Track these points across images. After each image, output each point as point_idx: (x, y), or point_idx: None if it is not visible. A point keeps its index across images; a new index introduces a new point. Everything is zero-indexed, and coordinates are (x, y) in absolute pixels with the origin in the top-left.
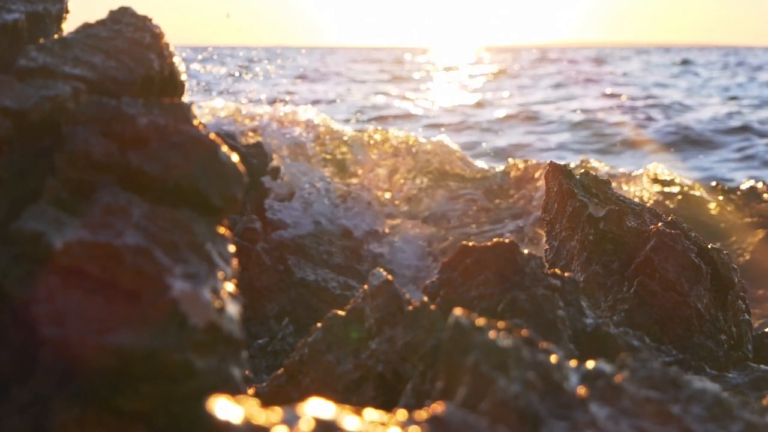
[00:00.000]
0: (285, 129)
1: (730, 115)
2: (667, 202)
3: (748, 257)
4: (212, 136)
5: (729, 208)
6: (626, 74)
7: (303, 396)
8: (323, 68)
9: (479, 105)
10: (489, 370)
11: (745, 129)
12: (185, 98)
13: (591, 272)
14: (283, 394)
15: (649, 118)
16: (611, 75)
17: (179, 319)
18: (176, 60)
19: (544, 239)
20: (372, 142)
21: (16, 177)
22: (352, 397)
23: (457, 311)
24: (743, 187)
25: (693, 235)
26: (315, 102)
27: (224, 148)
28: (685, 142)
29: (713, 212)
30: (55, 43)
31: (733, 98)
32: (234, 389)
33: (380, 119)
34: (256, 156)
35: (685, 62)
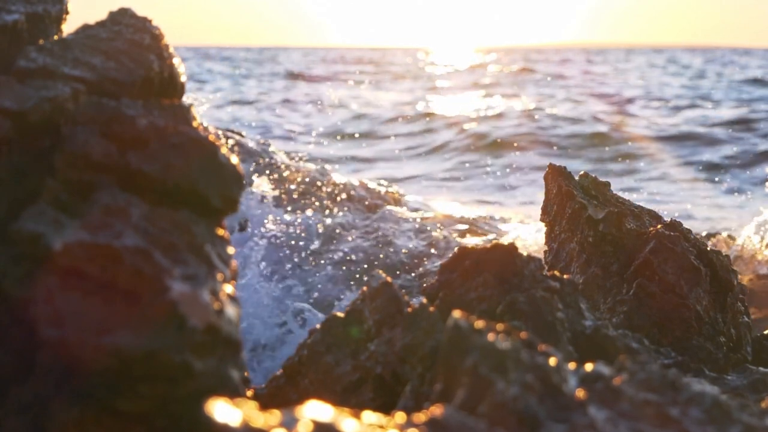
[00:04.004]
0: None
1: (718, 114)
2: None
3: (746, 259)
4: (212, 137)
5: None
6: (620, 73)
7: (302, 397)
8: (310, 69)
9: (472, 103)
10: (488, 372)
11: (735, 123)
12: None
13: (590, 274)
14: (281, 396)
15: (638, 117)
16: (604, 75)
17: (178, 320)
18: (176, 61)
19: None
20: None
21: (16, 177)
22: (351, 398)
23: (456, 313)
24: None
25: (692, 237)
26: (286, 101)
27: (224, 150)
28: (676, 138)
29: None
30: (54, 44)
31: (734, 98)
32: (233, 391)
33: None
34: None
35: (680, 63)
